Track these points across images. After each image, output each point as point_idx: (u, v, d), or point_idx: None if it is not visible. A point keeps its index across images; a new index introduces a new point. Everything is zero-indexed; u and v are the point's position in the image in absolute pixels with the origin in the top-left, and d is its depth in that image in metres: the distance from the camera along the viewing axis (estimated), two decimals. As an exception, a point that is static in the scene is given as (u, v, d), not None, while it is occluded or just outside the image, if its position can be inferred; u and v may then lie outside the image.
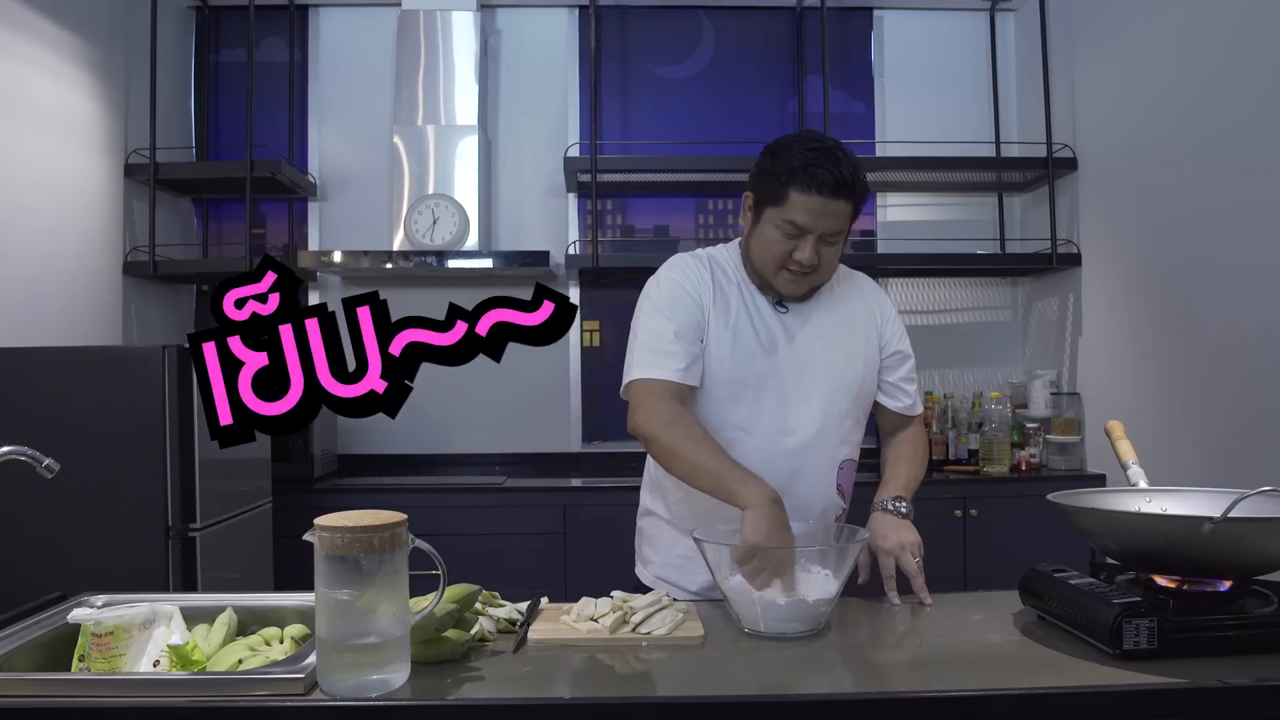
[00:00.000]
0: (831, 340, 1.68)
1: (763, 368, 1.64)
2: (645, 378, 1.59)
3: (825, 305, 1.71)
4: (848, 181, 1.53)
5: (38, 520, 2.41)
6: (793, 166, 1.54)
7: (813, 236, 1.56)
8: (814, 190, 1.52)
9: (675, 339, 1.60)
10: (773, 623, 1.32)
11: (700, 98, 3.95)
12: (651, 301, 1.66)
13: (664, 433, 1.54)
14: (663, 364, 1.59)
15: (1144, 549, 1.27)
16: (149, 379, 2.48)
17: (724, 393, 1.63)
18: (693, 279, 1.66)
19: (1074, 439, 3.49)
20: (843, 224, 1.58)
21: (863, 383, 1.70)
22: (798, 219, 1.55)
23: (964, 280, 4.01)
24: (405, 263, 3.42)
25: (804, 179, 1.53)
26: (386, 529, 1.09)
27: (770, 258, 1.60)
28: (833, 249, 1.60)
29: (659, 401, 1.56)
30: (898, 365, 1.76)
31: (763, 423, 1.64)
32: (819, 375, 1.65)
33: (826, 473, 1.68)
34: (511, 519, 3.26)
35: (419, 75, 3.62)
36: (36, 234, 2.83)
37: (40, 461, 1.42)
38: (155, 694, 1.10)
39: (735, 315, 1.65)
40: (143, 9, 3.44)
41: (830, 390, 1.66)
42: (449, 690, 1.12)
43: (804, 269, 1.58)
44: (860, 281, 1.81)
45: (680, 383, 1.58)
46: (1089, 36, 3.44)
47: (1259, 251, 2.56)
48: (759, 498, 1.41)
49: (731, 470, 1.48)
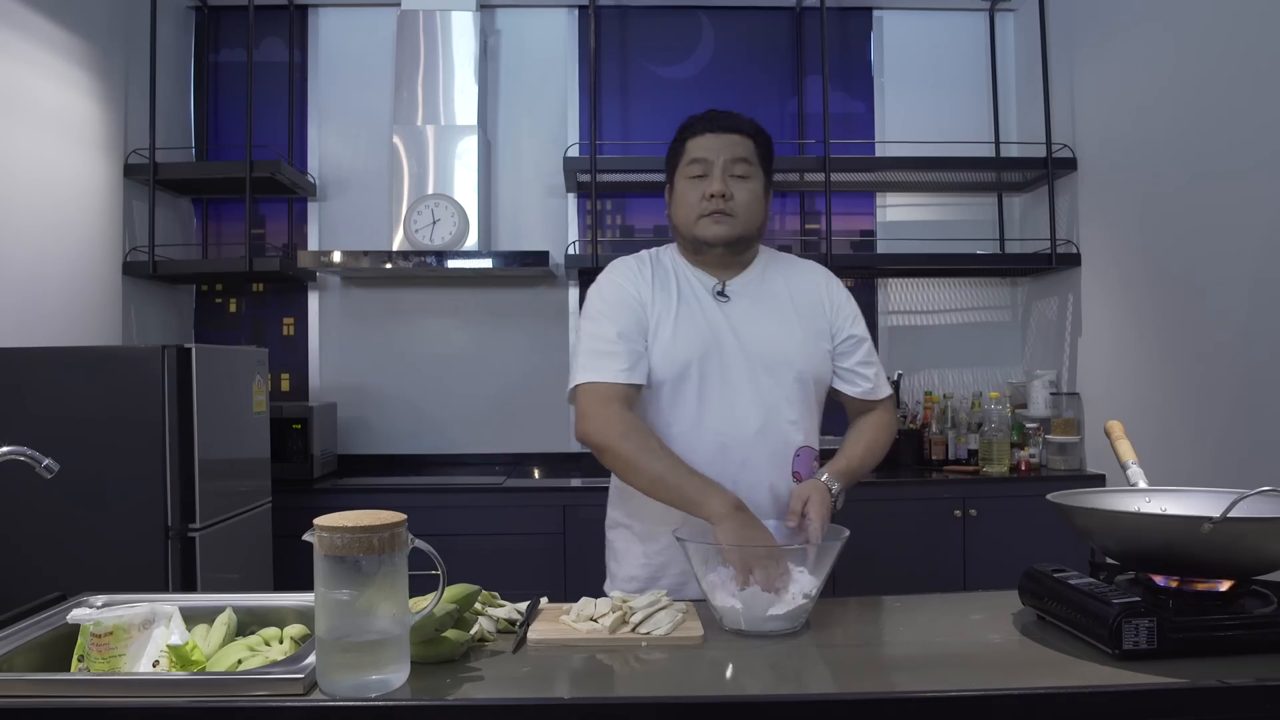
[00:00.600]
0: (775, 328, 1.69)
1: (706, 360, 1.65)
2: (590, 381, 1.62)
3: (769, 293, 1.73)
4: (736, 121, 1.69)
5: (38, 520, 2.41)
6: (684, 126, 1.72)
7: (717, 168, 1.65)
8: (703, 130, 1.68)
9: (618, 339, 1.63)
10: (754, 621, 1.33)
11: (700, 98, 3.94)
12: (593, 305, 1.70)
13: (620, 444, 1.57)
14: (606, 366, 1.62)
15: (1144, 549, 1.27)
16: (149, 379, 2.48)
17: (670, 387, 1.66)
18: (632, 278, 1.70)
19: (1074, 439, 3.49)
20: (745, 154, 1.68)
21: (812, 368, 1.71)
22: (697, 154, 1.67)
23: (963, 280, 4.01)
24: (405, 263, 3.43)
25: (693, 125, 1.70)
26: (386, 529, 1.09)
27: (688, 206, 1.68)
28: (744, 188, 1.67)
29: (609, 408, 1.59)
30: (852, 350, 1.76)
31: (709, 414, 1.65)
32: (763, 364, 1.67)
33: (779, 462, 1.68)
34: (511, 519, 3.26)
35: (419, 75, 3.62)
36: (36, 234, 2.83)
37: (40, 461, 1.42)
38: (155, 694, 1.10)
39: (677, 309, 1.68)
40: (143, 9, 3.44)
41: (776, 378, 1.67)
42: (448, 690, 1.12)
43: (719, 205, 1.64)
44: (808, 269, 1.81)
45: (626, 383, 1.61)
46: (1088, 36, 3.44)
47: (1259, 251, 2.56)
48: (724, 508, 1.45)
49: (691, 481, 1.51)
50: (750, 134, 1.69)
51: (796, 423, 1.69)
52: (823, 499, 1.55)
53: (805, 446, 1.72)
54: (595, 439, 1.60)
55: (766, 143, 1.72)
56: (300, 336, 3.88)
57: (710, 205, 1.64)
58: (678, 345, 1.65)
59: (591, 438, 1.61)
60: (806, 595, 1.34)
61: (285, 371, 3.87)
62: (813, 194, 3.99)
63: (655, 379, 1.65)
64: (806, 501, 1.53)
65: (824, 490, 1.57)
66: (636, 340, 1.65)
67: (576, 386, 1.65)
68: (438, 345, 3.89)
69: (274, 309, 3.90)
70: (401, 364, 3.87)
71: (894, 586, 1.65)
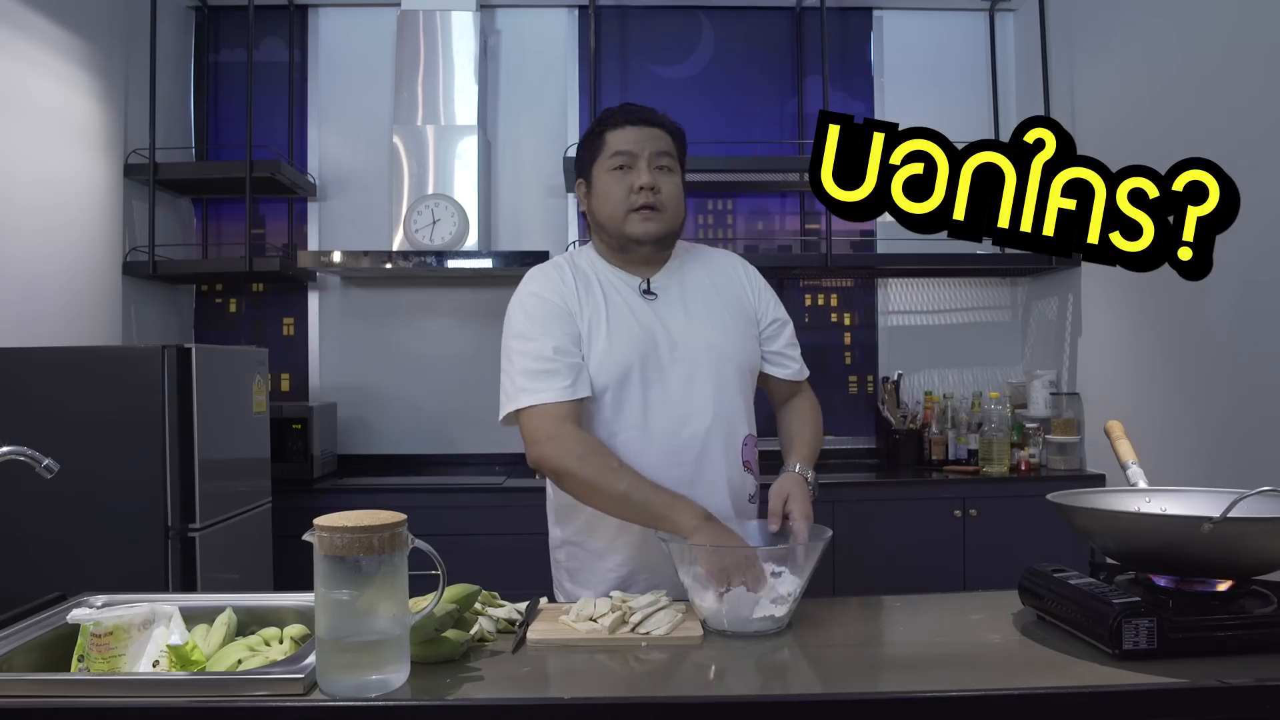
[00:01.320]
0: (707, 320, 1.68)
1: (645, 360, 1.61)
2: (534, 404, 1.54)
3: (694, 286, 1.71)
4: (653, 115, 1.67)
5: (38, 520, 2.41)
6: (601, 119, 1.69)
7: (643, 161, 1.62)
8: (624, 122, 1.65)
9: (555, 355, 1.56)
10: (737, 621, 1.33)
11: (700, 98, 3.95)
12: (518, 323, 1.61)
13: (580, 467, 1.51)
14: (548, 385, 1.54)
15: (1144, 549, 1.27)
16: (149, 379, 2.48)
17: (612, 394, 1.60)
18: (555, 288, 1.63)
19: (1073, 439, 3.49)
20: (667, 148, 1.65)
21: (746, 356, 1.70)
22: (622, 147, 1.63)
23: (963, 280, 4.01)
24: (405, 263, 3.42)
25: (612, 118, 1.67)
26: (386, 529, 1.09)
27: (614, 201, 1.64)
28: (669, 182, 1.64)
29: (561, 429, 1.52)
30: (778, 334, 1.76)
31: (657, 416, 1.61)
32: (703, 357, 1.64)
33: (731, 453, 1.66)
34: (511, 519, 3.25)
35: (419, 75, 3.62)
36: (36, 234, 2.83)
37: (40, 461, 1.42)
38: (155, 694, 1.10)
39: (607, 312, 1.63)
40: (143, 9, 3.44)
41: (718, 370, 1.65)
42: (448, 690, 1.12)
43: (648, 198, 1.62)
44: (724, 258, 1.80)
45: (571, 400, 1.55)
46: (1088, 36, 3.44)
47: (1259, 251, 2.56)
48: (694, 520, 1.43)
49: (657, 497, 1.48)
50: (670, 130, 1.68)
51: (740, 413, 1.68)
52: (803, 494, 1.54)
53: (750, 435, 1.71)
54: (553, 464, 1.53)
55: (683, 140, 1.71)
56: (300, 336, 3.88)
57: (640, 199, 1.61)
58: (615, 350, 1.60)
59: (548, 463, 1.54)
60: (790, 595, 1.34)
61: (285, 371, 3.87)
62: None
63: (596, 387, 1.59)
64: (787, 500, 1.52)
65: (801, 483, 1.57)
66: (573, 353, 1.58)
67: (519, 411, 1.57)
68: (438, 345, 3.88)
69: (274, 309, 3.90)
70: (401, 364, 3.87)
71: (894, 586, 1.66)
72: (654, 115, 1.68)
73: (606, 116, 1.68)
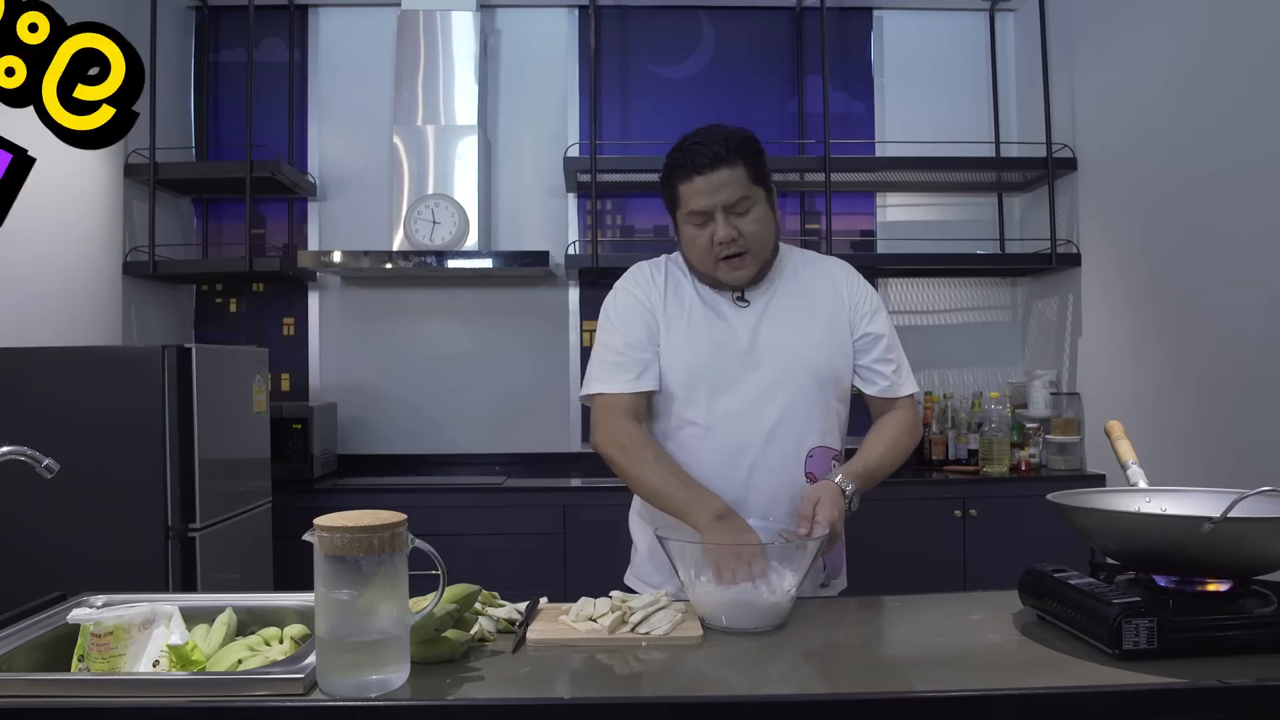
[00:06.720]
0: (792, 327, 1.68)
1: (720, 364, 1.66)
2: (600, 393, 1.68)
3: (787, 293, 1.72)
4: (718, 152, 1.58)
5: (38, 520, 2.40)
6: (670, 168, 1.64)
7: (719, 214, 1.60)
8: (690, 174, 1.60)
9: (625, 350, 1.67)
10: (734, 619, 1.33)
11: (700, 98, 3.95)
12: (606, 315, 1.73)
13: (619, 455, 1.63)
14: (614, 377, 1.67)
15: (1144, 549, 1.27)
16: (149, 379, 2.48)
17: (681, 391, 1.67)
18: (644, 286, 1.72)
19: (1074, 439, 3.49)
20: (741, 190, 1.60)
21: (829, 367, 1.69)
22: (694, 205, 1.61)
23: (964, 280, 4.01)
24: (405, 263, 3.43)
25: (679, 171, 1.61)
26: (386, 529, 1.09)
27: (699, 253, 1.65)
28: (750, 219, 1.62)
29: (612, 420, 1.64)
30: (869, 348, 1.74)
31: (720, 418, 1.65)
32: (779, 365, 1.66)
33: (791, 464, 1.66)
34: (511, 519, 3.26)
35: (419, 75, 3.62)
36: (36, 234, 2.83)
37: (40, 461, 1.42)
38: (155, 694, 1.10)
39: (690, 315, 1.69)
40: (142, 9, 3.44)
41: (793, 379, 1.66)
42: (448, 690, 1.12)
43: (729, 248, 1.61)
44: (828, 265, 1.80)
45: (633, 393, 1.66)
46: (1088, 37, 3.44)
47: (1259, 251, 2.56)
48: (708, 516, 1.48)
49: (680, 492, 1.55)
50: (739, 158, 1.59)
51: (811, 424, 1.67)
52: (834, 501, 1.53)
53: (820, 447, 1.69)
54: (601, 449, 1.67)
55: (756, 154, 1.63)
56: (300, 336, 3.88)
57: (723, 250, 1.62)
58: (688, 352, 1.67)
59: (599, 447, 1.68)
60: (785, 593, 1.34)
61: (285, 371, 3.87)
62: (813, 194, 3.99)
63: (666, 384, 1.68)
64: (816, 504, 1.52)
65: (835, 492, 1.55)
66: (644, 348, 1.67)
67: (589, 396, 1.70)
68: (438, 345, 3.88)
69: (274, 309, 3.90)
70: (401, 364, 3.87)
71: (894, 586, 1.65)
72: (720, 153, 1.58)
73: (674, 165, 1.62)
